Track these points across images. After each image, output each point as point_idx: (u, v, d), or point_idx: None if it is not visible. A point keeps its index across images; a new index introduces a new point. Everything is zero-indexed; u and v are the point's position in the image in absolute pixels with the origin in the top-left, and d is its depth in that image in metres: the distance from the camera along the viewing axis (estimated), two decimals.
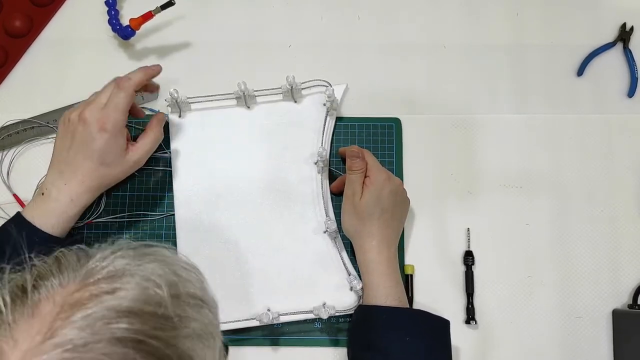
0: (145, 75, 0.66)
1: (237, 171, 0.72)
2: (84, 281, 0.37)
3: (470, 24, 0.80)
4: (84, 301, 0.35)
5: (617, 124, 0.76)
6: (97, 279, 0.37)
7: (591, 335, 0.70)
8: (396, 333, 0.61)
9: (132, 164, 0.65)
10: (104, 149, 0.62)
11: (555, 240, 0.72)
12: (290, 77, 0.70)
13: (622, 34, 0.78)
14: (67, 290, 0.36)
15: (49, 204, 0.62)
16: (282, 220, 0.71)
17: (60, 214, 0.62)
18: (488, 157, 0.75)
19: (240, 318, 0.67)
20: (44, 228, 0.61)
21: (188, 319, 0.39)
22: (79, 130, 0.62)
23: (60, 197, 0.62)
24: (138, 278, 0.38)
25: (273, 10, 0.80)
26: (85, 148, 0.62)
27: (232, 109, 0.74)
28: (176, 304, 0.38)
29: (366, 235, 0.65)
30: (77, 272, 0.38)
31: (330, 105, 0.72)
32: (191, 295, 0.41)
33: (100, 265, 0.38)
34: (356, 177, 0.66)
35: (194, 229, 0.71)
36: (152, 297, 0.37)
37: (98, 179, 0.63)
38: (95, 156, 0.62)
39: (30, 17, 0.79)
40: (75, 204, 0.63)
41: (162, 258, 0.41)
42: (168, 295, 0.38)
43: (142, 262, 0.40)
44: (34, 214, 0.62)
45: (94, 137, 0.61)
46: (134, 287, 0.37)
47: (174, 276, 0.40)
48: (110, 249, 0.40)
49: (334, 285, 0.69)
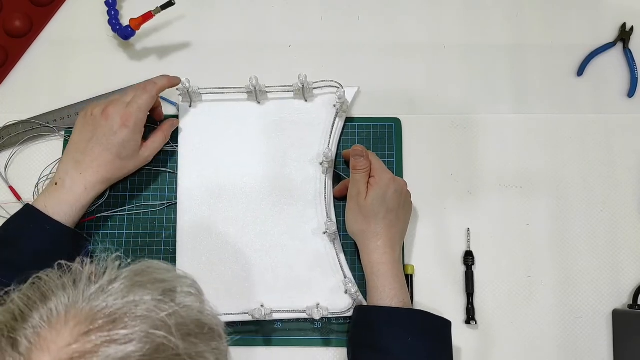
0: (168, 82, 0.70)
1: (242, 165, 0.72)
2: (80, 326, 0.35)
3: (470, 24, 0.80)
4: (86, 355, 0.34)
5: (617, 124, 0.76)
6: (96, 325, 0.35)
7: (591, 335, 0.70)
8: (397, 333, 0.61)
9: (143, 160, 0.70)
10: (123, 143, 0.65)
11: (555, 240, 0.72)
12: (302, 75, 0.70)
13: (622, 34, 0.78)
14: (61, 338, 0.34)
15: (63, 193, 0.64)
16: (283, 218, 0.71)
17: (74, 202, 0.64)
18: (488, 157, 0.75)
19: (233, 312, 0.67)
20: (57, 217, 0.63)
21: (200, 353, 0.38)
22: (102, 124, 0.65)
23: (74, 186, 0.65)
24: (141, 320, 0.36)
25: (273, 10, 0.80)
26: (106, 141, 0.65)
27: (242, 102, 0.74)
28: (187, 343, 0.37)
29: (371, 235, 0.65)
30: (65, 301, 0.36)
31: (340, 107, 0.72)
32: (198, 326, 0.39)
33: (96, 306, 0.36)
34: (360, 176, 0.66)
35: (195, 220, 0.71)
36: (161, 344, 0.36)
37: (112, 171, 0.67)
38: (114, 149, 0.65)
39: (30, 17, 0.79)
40: (88, 193, 0.65)
41: (158, 284, 0.40)
42: (178, 337, 0.37)
43: (139, 295, 0.38)
44: (46, 204, 0.64)
45: (115, 131, 0.65)
46: (140, 334, 0.35)
47: (179, 309, 0.39)
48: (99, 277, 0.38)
49: (329, 287, 0.69)
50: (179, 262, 0.70)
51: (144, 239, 0.72)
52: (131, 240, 0.72)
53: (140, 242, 0.72)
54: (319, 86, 0.73)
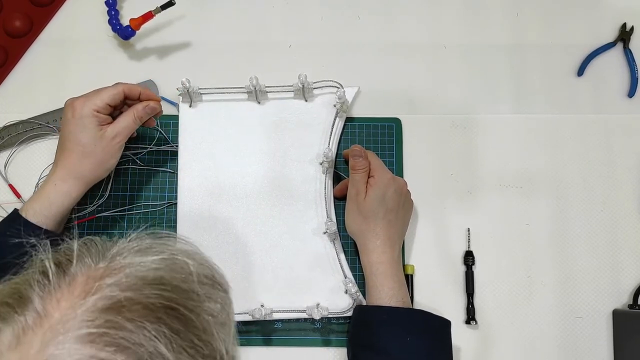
0: (146, 93, 0.67)
1: (242, 165, 0.72)
2: (114, 258, 0.39)
3: (470, 24, 0.80)
4: (116, 271, 0.37)
5: (617, 124, 0.76)
6: (125, 255, 0.39)
7: (591, 335, 0.70)
8: (397, 333, 0.61)
9: (111, 141, 0.64)
10: (75, 130, 0.64)
11: (555, 240, 0.72)
12: (302, 75, 0.70)
13: (622, 34, 0.78)
14: (98, 267, 0.38)
15: (39, 196, 0.64)
16: (283, 218, 0.71)
17: (49, 205, 0.63)
18: (488, 157, 0.75)
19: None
20: (35, 221, 0.62)
21: (208, 297, 0.40)
22: (63, 119, 0.65)
23: (46, 185, 0.64)
24: (166, 253, 0.40)
25: (273, 10, 0.80)
26: (62, 133, 0.65)
27: (242, 102, 0.74)
28: (200, 282, 0.40)
29: (370, 235, 0.65)
30: (105, 253, 0.40)
31: (341, 107, 0.72)
32: (210, 277, 0.42)
33: (127, 246, 0.40)
34: (360, 176, 0.66)
35: (195, 220, 0.71)
36: (181, 269, 0.40)
37: (78, 164, 0.64)
38: (70, 139, 0.64)
39: (30, 17, 0.79)
40: (57, 191, 0.63)
41: (180, 240, 0.44)
42: (195, 272, 0.40)
43: (164, 242, 0.42)
44: (27, 207, 0.63)
45: (68, 121, 0.64)
46: (163, 259, 0.39)
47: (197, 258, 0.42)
48: (129, 236, 0.42)
49: (329, 287, 0.69)
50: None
51: None
52: None
53: None
54: (319, 86, 0.73)
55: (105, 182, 0.72)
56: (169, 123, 0.75)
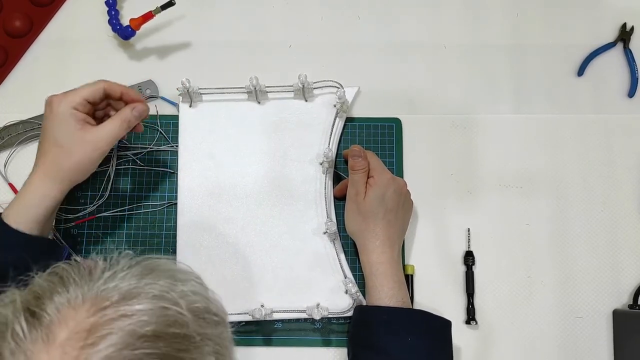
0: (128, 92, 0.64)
1: (242, 165, 0.72)
2: (97, 304, 0.36)
3: (470, 24, 0.80)
4: (102, 327, 0.35)
5: (617, 124, 0.76)
6: (111, 301, 0.37)
7: (591, 335, 0.70)
8: (397, 333, 0.61)
9: (92, 144, 0.61)
10: (51, 127, 0.61)
11: (555, 240, 0.72)
12: (303, 75, 0.70)
13: (623, 34, 0.78)
14: (79, 314, 0.36)
15: (18, 199, 0.61)
16: (283, 218, 0.71)
17: (28, 207, 0.60)
18: (488, 157, 0.75)
19: (233, 312, 0.67)
20: (15, 225, 0.59)
21: (207, 335, 0.39)
22: (43, 117, 0.62)
23: (24, 188, 0.61)
24: (154, 298, 0.38)
25: (273, 10, 0.80)
26: (42, 131, 0.62)
27: (242, 102, 0.74)
28: (196, 324, 0.38)
29: (370, 235, 0.65)
30: (83, 288, 0.37)
31: (341, 107, 0.72)
32: (206, 310, 0.41)
33: (109, 286, 0.38)
34: (359, 176, 0.66)
35: (195, 220, 0.71)
36: (173, 318, 0.37)
37: (55, 164, 0.61)
38: (47, 137, 0.61)
39: (30, 17, 0.79)
40: (35, 192, 0.60)
41: (169, 273, 0.41)
42: (189, 314, 0.38)
43: (152, 279, 0.39)
44: (8, 213, 0.60)
45: (46, 118, 0.62)
46: (152, 309, 0.37)
47: (189, 292, 0.40)
48: (113, 266, 0.40)
49: (329, 287, 0.69)
50: (179, 263, 0.70)
51: (144, 239, 0.72)
52: (131, 240, 0.72)
53: (140, 242, 0.72)
54: (319, 86, 0.73)
55: (105, 182, 0.72)
56: (169, 123, 0.75)
